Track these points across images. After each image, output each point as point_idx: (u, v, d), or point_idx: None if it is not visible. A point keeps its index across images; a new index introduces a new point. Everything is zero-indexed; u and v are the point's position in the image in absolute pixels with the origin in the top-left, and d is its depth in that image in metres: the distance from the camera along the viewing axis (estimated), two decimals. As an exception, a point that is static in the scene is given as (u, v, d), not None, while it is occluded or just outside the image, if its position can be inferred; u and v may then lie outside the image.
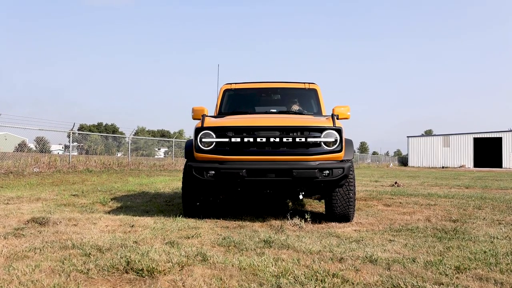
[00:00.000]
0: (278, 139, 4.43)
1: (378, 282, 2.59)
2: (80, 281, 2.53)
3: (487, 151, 50.89)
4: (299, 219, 4.60)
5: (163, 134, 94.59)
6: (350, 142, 4.89)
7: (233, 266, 2.88)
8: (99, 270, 2.73)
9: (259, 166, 4.38)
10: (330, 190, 4.69)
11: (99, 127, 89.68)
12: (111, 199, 6.79)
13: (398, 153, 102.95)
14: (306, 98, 6.23)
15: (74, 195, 7.21)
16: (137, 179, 12.14)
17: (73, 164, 14.45)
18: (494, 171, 32.79)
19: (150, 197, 7.37)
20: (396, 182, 12.21)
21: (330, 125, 4.52)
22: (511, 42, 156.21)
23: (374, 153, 74.74)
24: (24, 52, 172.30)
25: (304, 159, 4.43)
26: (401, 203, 6.83)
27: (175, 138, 28.81)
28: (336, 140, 4.47)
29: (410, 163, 52.88)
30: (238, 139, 4.45)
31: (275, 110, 6.13)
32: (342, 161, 4.54)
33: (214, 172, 4.39)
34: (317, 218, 5.09)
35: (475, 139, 50.09)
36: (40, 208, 5.54)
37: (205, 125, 4.59)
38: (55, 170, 13.14)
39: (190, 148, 4.78)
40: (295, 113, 5.81)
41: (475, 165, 49.24)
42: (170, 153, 24.75)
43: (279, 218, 4.94)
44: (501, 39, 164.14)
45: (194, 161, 4.64)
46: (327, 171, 4.34)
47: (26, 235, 3.75)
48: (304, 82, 6.24)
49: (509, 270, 2.86)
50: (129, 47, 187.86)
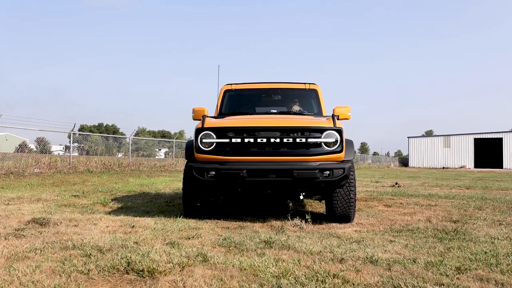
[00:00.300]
0: (278, 140, 4.42)
1: (378, 282, 2.59)
2: (80, 281, 2.53)
3: (488, 152, 50.86)
4: (300, 220, 4.60)
5: (164, 134, 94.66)
6: (350, 143, 4.88)
7: (233, 266, 2.88)
8: (100, 270, 2.73)
9: (260, 167, 4.37)
10: (331, 191, 4.68)
11: (100, 128, 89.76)
12: (112, 200, 6.79)
13: (398, 153, 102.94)
14: (307, 99, 6.22)
15: (74, 196, 7.21)
16: (137, 180, 12.14)
17: (73, 164, 14.46)
18: (494, 172, 32.76)
19: (151, 197, 7.38)
20: (396, 183, 12.20)
21: (331, 125, 4.51)
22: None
23: (375, 153, 74.75)
24: (24, 52, 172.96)
25: (304, 160, 4.42)
26: (401, 204, 6.82)
27: (176, 138, 28.84)
28: (336, 140, 4.46)
29: (411, 164, 52.87)
30: (239, 140, 4.44)
31: (276, 111, 6.12)
32: (342, 161, 4.53)
33: (214, 172, 4.39)
34: (317, 218, 5.09)
35: (476, 140, 50.08)
36: (40, 208, 5.54)
37: (205, 125, 4.58)
38: (56, 170, 13.14)
39: (191, 148, 4.77)
40: (296, 113, 5.80)
41: (476, 165, 49.22)
42: (170, 153, 24.75)
43: (280, 219, 4.94)
44: (501, 39, 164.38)
45: (194, 161, 4.63)
46: (328, 172, 4.34)
47: (26, 236, 3.75)
48: (304, 83, 6.22)
49: (509, 271, 2.85)
50: (129, 47, 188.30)
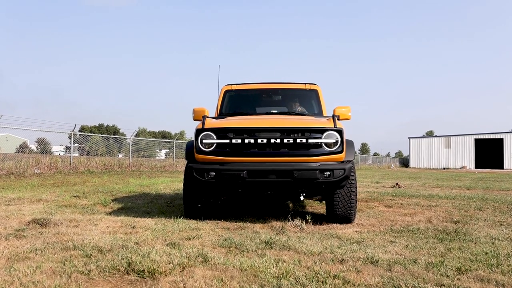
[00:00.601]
0: (279, 140, 4.41)
1: (379, 283, 2.59)
2: (81, 282, 2.53)
3: (488, 152, 50.85)
4: (300, 220, 4.59)
5: (164, 135, 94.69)
6: (351, 143, 4.87)
7: (234, 267, 2.88)
8: (100, 271, 2.73)
9: (260, 167, 4.36)
10: (331, 191, 4.68)
11: (100, 128, 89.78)
12: (112, 200, 6.79)
13: (399, 154, 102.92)
14: (307, 99, 6.21)
15: (75, 196, 7.21)
16: (138, 180, 12.14)
17: (74, 165, 14.46)
18: (495, 172, 32.73)
19: (151, 198, 7.38)
20: (397, 183, 12.19)
21: (331, 126, 4.50)
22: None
23: (375, 154, 74.73)
24: (24, 53, 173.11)
25: (305, 160, 4.41)
26: (402, 204, 6.82)
27: (176, 139, 28.89)
28: (337, 141, 4.45)
29: (411, 164, 52.85)
30: (239, 140, 4.43)
31: (276, 111, 6.11)
32: (343, 162, 4.52)
33: (214, 173, 4.37)
34: (318, 219, 5.09)
35: (476, 140, 50.06)
36: (41, 209, 5.54)
37: (205, 126, 4.57)
38: (56, 171, 13.15)
39: (191, 149, 4.75)
40: (296, 114, 5.79)
41: (476, 166, 49.19)
42: (171, 154, 24.74)
43: (280, 220, 4.94)
44: (502, 40, 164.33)
45: (194, 162, 4.62)
46: (328, 172, 4.33)
47: (27, 236, 3.75)
48: (305, 83, 6.21)
49: (510, 271, 2.85)
50: (130, 48, 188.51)
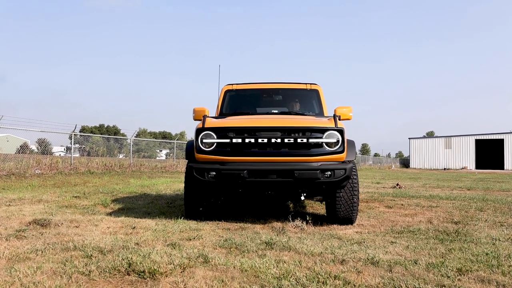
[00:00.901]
0: (279, 140, 4.39)
1: (379, 284, 2.59)
2: (81, 283, 2.53)
3: (489, 153, 50.84)
4: (301, 221, 4.59)
5: (165, 135, 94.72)
6: (352, 143, 4.85)
7: (234, 268, 2.88)
8: (101, 272, 2.73)
9: (261, 167, 4.34)
10: (332, 192, 4.66)
11: (101, 129, 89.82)
12: (113, 201, 6.79)
13: (399, 154, 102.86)
14: (308, 99, 6.19)
15: (75, 197, 7.21)
16: (138, 181, 12.15)
17: (74, 165, 14.47)
18: (496, 173, 32.71)
19: (152, 198, 7.38)
20: (397, 184, 12.19)
21: (332, 125, 4.48)
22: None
23: (376, 154, 74.64)
24: (26, 54, 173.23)
25: (305, 160, 4.39)
26: (402, 205, 6.81)
27: (177, 139, 28.88)
28: (338, 141, 4.43)
29: (412, 165, 52.82)
30: (239, 140, 4.41)
31: (277, 111, 6.08)
32: (344, 162, 4.50)
33: (215, 173, 4.35)
34: (318, 220, 5.09)
35: (477, 141, 50.03)
36: (41, 209, 5.55)
37: (206, 125, 4.55)
38: (57, 171, 13.15)
39: (191, 149, 4.73)
40: (297, 113, 5.77)
41: (477, 166, 49.16)
42: (171, 154, 24.76)
43: (281, 220, 4.94)
44: (503, 40, 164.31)
45: (195, 162, 4.60)
46: (329, 172, 4.30)
47: (27, 237, 3.76)
48: (305, 83, 6.19)
49: (511, 272, 2.85)
50: (130, 48, 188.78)
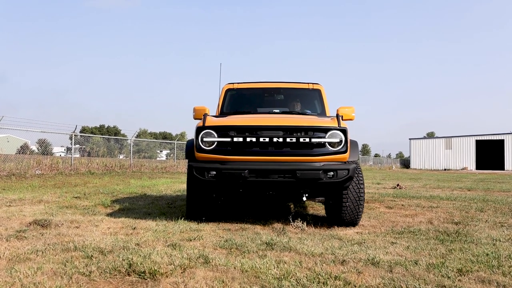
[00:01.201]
0: (281, 139, 4.32)
1: (380, 284, 2.59)
2: (82, 283, 2.53)
3: (489, 154, 50.79)
4: (301, 222, 4.59)
5: (165, 136, 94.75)
6: (355, 143, 4.80)
7: (235, 268, 2.88)
8: (101, 272, 2.73)
9: (262, 167, 4.27)
10: (335, 193, 4.60)
11: (101, 129, 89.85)
12: (113, 201, 6.79)
13: (400, 155, 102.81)
14: (310, 99, 6.12)
15: (76, 197, 7.22)
16: (139, 181, 12.15)
17: (75, 166, 14.48)
18: (496, 173, 32.70)
19: (152, 199, 7.38)
20: (398, 185, 12.19)
21: (335, 125, 4.41)
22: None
23: (376, 155, 74.59)
24: (27, 54, 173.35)
25: (308, 160, 4.32)
26: (403, 206, 6.81)
27: (177, 140, 28.88)
28: (341, 140, 4.36)
29: (412, 165, 52.80)
30: (241, 139, 4.34)
31: (278, 111, 5.97)
32: (347, 162, 4.44)
33: (215, 172, 4.28)
34: (319, 220, 5.08)
35: (477, 141, 50.01)
36: (42, 210, 5.55)
37: (206, 124, 4.48)
38: (57, 172, 13.16)
39: (191, 148, 4.67)
40: (299, 113, 5.69)
41: (477, 167, 49.13)
42: (172, 155, 24.77)
43: (281, 221, 4.94)
44: (503, 41, 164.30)
45: (195, 161, 4.53)
46: (332, 173, 4.24)
47: (28, 237, 3.76)
48: (307, 82, 6.12)
49: (511, 273, 2.85)
50: (131, 49, 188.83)
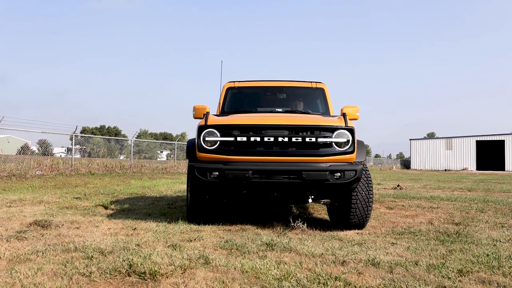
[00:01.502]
0: (287, 139, 4.18)
1: (380, 285, 2.59)
2: (82, 284, 2.53)
3: (490, 154, 50.76)
4: (302, 222, 4.58)
5: (166, 137, 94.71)
6: (362, 144, 4.69)
7: (235, 269, 2.88)
8: (102, 273, 2.73)
9: (267, 167, 4.13)
10: (340, 194, 4.51)
11: (102, 130, 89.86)
12: (114, 202, 6.79)
13: (400, 156, 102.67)
14: (313, 98, 6.00)
15: (76, 198, 7.22)
16: (139, 182, 12.15)
17: (75, 167, 14.49)
18: (496, 174, 32.68)
19: (152, 200, 7.38)
20: (398, 185, 12.19)
21: (342, 124, 4.28)
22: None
23: (377, 155, 74.49)
24: (28, 54, 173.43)
25: (314, 160, 4.19)
26: (403, 206, 6.81)
27: (178, 141, 28.88)
28: (348, 140, 4.24)
29: (413, 166, 52.78)
30: (244, 138, 4.20)
31: (281, 110, 5.80)
32: (354, 163, 4.32)
33: (218, 173, 4.14)
34: (319, 221, 5.08)
35: (478, 142, 49.99)
36: (42, 211, 5.55)
37: (209, 123, 4.33)
38: (58, 173, 13.16)
39: (192, 147, 4.52)
40: (303, 112, 5.57)
41: (478, 168, 49.10)
42: (172, 156, 24.79)
43: (282, 221, 4.93)
44: (503, 41, 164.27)
45: (196, 161, 4.40)
46: (339, 173, 4.11)
47: (28, 238, 3.76)
48: (311, 81, 6.00)
49: (511, 273, 2.85)
50: (131, 50, 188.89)
